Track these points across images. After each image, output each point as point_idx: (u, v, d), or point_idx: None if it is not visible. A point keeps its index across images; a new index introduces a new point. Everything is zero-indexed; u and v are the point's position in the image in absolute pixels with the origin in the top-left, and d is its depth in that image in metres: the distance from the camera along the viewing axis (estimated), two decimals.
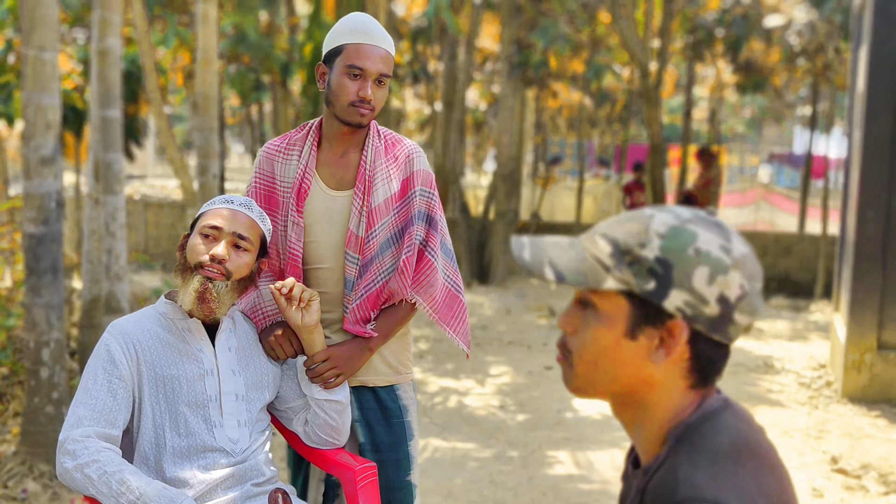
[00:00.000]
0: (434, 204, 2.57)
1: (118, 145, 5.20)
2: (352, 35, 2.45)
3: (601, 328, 1.30)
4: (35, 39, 4.08)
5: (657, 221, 1.29)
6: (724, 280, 1.25)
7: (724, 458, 1.24)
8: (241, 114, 19.69)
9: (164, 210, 14.27)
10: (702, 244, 1.25)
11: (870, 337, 6.20)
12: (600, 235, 1.32)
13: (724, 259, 1.25)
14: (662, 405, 1.32)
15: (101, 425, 2.19)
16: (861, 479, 4.69)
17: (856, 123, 6.73)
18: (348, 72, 2.43)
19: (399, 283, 2.49)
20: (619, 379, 1.31)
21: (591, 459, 4.98)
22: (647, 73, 11.64)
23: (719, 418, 1.30)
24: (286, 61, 12.35)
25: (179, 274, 2.33)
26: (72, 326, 6.23)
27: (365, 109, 2.44)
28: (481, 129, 19.13)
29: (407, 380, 2.65)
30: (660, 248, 1.26)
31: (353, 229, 2.48)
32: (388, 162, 2.53)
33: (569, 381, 1.36)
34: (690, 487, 1.21)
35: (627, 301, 1.28)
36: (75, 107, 9.69)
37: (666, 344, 1.28)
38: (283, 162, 2.56)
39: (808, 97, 15.42)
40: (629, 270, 1.27)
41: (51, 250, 4.18)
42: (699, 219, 1.29)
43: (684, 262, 1.25)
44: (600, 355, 1.31)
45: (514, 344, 8.00)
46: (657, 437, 1.33)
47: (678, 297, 1.25)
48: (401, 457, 2.59)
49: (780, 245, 12.22)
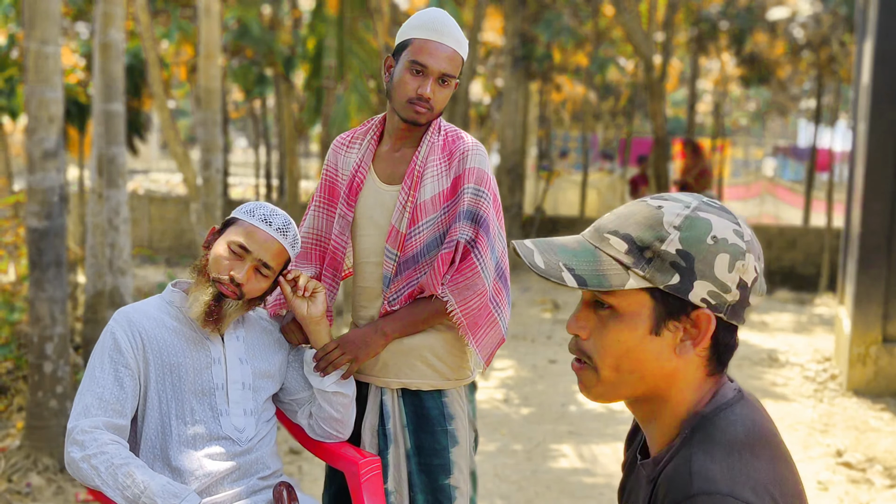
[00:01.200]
0: (486, 204, 2.41)
1: (121, 139, 5.19)
2: (421, 30, 2.41)
3: (624, 329, 1.26)
4: (37, 33, 4.07)
5: (669, 213, 1.26)
6: (742, 265, 1.24)
7: (739, 449, 1.23)
8: (244, 108, 19.66)
9: (168, 205, 14.26)
10: (718, 231, 1.24)
11: (875, 330, 6.18)
12: (611, 233, 1.28)
13: (740, 244, 1.25)
14: (682, 397, 1.30)
15: (108, 415, 2.19)
16: (866, 473, 4.68)
17: (861, 116, 6.70)
18: (411, 67, 2.39)
19: (431, 278, 2.40)
20: (645, 378, 1.28)
21: (595, 453, 4.97)
22: (651, 66, 11.61)
23: (734, 409, 1.28)
24: (289, 55, 12.33)
25: (196, 272, 2.32)
26: (75, 321, 6.23)
27: (422, 108, 2.39)
28: (485, 122, 19.09)
29: (457, 385, 2.53)
30: (680, 241, 1.23)
31: (395, 224, 2.44)
32: (443, 158, 2.46)
33: (591, 388, 1.32)
34: (705, 480, 1.19)
35: (650, 297, 1.25)
36: (78, 101, 9.69)
37: (692, 335, 1.26)
38: (344, 155, 2.56)
39: (813, 90, 15.38)
40: (650, 266, 1.24)
41: (54, 244, 4.17)
42: (706, 205, 1.28)
43: (705, 252, 1.23)
44: (624, 357, 1.27)
45: (518, 338, 7.99)
46: (672, 428, 1.31)
47: (702, 288, 1.23)
48: (442, 462, 2.50)
49: (784, 238, 12.19)
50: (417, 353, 2.49)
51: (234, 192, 18.09)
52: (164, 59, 11.29)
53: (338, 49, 8.53)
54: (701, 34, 13.08)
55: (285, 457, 4.69)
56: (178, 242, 13.83)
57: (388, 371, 2.51)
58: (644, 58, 11.53)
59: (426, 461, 2.51)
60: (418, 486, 2.52)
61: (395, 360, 2.50)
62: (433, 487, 2.51)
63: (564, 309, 9.44)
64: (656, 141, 12.03)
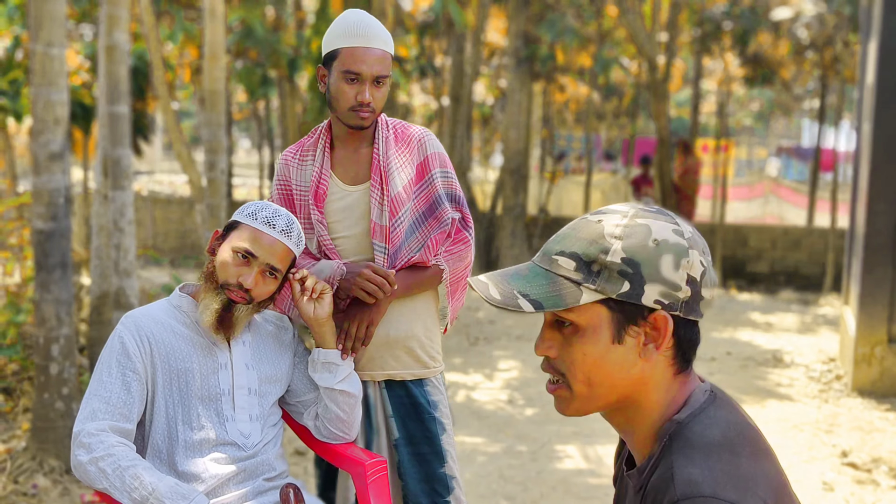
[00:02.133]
0: (455, 183, 2.62)
1: (126, 141, 5.20)
2: (346, 38, 2.45)
3: (587, 342, 1.31)
4: (43, 35, 4.08)
5: (608, 225, 1.30)
6: (687, 262, 1.28)
7: (717, 450, 1.25)
8: (247, 109, 19.69)
9: (173, 206, 14.28)
10: (657, 234, 1.28)
11: (880, 330, 6.17)
12: (557, 254, 1.32)
13: (682, 242, 1.29)
14: (655, 400, 1.33)
15: (115, 419, 2.20)
16: (872, 473, 4.68)
17: (865, 116, 6.69)
18: (345, 77, 2.44)
19: (424, 253, 2.54)
20: (616, 387, 1.32)
21: (600, 454, 4.97)
22: (655, 66, 11.61)
23: (707, 412, 1.31)
24: (293, 56, 12.34)
25: (204, 279, 2.33)
26: (81, 322, 6.24)
27: (365, 113, 2.46)
28: (488, 123, 19.10)
29: (435, 373, 2.65)
30: (623, 250, 1.28)
31: (375, 220, 2.51)
32: (400, 150, 2.56)
33: (567, 405, 1.36)
34: (688, 485, 1.21)
35: (605, 308, 1.29)
36: (83, 103, 9.71)
37: (653, 338, 1.30)
38: (298, 167, 2.60)
39: (817, 90, 15.36)
40: (600, 279, 1.28)
41: (60, 246, 4.18)
42: (643, 211, 1.32)
43: (649, 255, 1.27)
44: (593, 368, 1.31)
45: (522, 338, 7.99)
46: (650, 435, 1.34)
47: (653, 291, 1.27)
48: (434, 450, 2.59)
49: (788, 239, 12.18)
50: (401, 343, 2.57)
51: (238, 193, 18.09)
52: (169, 61, 11.32)
53: None
54: (704, 34, 13.06)
55: (291, 458, 4.69)
56: (182, 244, 13.85)
57: (374, 364, 2.59)
58: (647, 58, 11.53)
59: (418, 450, 2.59)
60: (412, 476, 2.58)
61: (381, 352, 2.58)
62: (428, 476, 2.59)
63: None
64: (660, 141, 12.02)
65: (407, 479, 2.58)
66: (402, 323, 2.57)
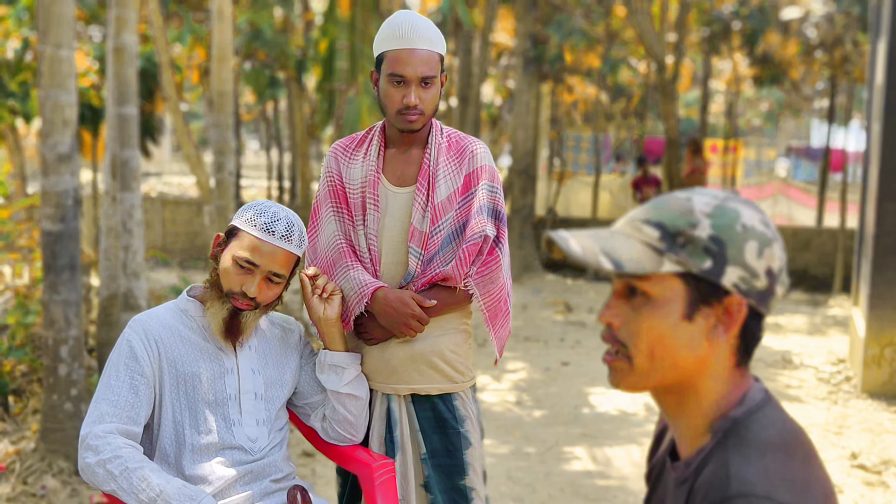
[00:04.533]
0: (501, 200, 2.55)
1: (135, 142, 5.21)
2: (391, 41, 2.44)
3: (658, 315, 1.29)
4: (51, 37, 4.09)
5: (699, 202, 1.30)
6: (769, 253, 1.28)
7: (773, 451, 1.25)
8: (256, 110, 19.73)
9: (181, 208, 14.31)
10: (746, 220, 1.28)
11: (890, 331, 6.14)
12: (642, 222, 1.31)
13: (767, 233, 1.29)
14: (711, 388, 1.32)
15: (122, 422, 2.20)
16: (881, 475, 4.66)
17: (875, 116, 6.67)
18: (391, 80, 2.44)
19: (456, 269, 2.47)
20: (677, 365, 1.30)
21: (609, 455, 4.96)
22: (664, 66, 11.58)
23: (764, 411, 1.30)
24: (301, 58, 12.36)
25: (209, 288, 2.32)
26: (90, 324, 6.25)
27: (413, 115, 2.45)
28: (496, 124, 19.07)
29: (464, 387, 2.58)
30: (711, 227, 1.27)
31: (416, 224, 2.49)
32: (451, 158, 2.54)
33: (623, 378, 1.33)
34: (742, 483, 1.21)
35: (682, 282, 1.28)
36: (92, 105, 9.73)
37: (723, 322, 1.28)
38: (346, 162, 2.58)
39: (826, 90, 15.31)
40: (684, 251, 1.27)
41: (68, 247, 4.19)
42: (733, 198, 1.32)
43: (735, 238, 1.27)
44: (658, 343, 1.29)
45: (530, 340, 7.98)
46: (702, 426, 1.32)
47: (734, 273, 1.26)
48: (455, 463, 2.55)
49: (797, 239, 12.14)
50: (425, 358, 2.52)
51: (247, 195, 18.13)
52: (177, 63, 11.33)
53: (350, 52, 8.54)
54: (713, 34, 13.04)
55: (298, 459, 4.69)
56: (190, 245, 13.87)
57: (398, 377, 2.54)
58: (656, 58, 11.50)
59: (440, 462, 2.55)
60: (437, 487, 2.55)
61: (404, 365, 2.53)
62: (450, 487, 2.56)
63: (577, 311, 9.42)
64: (669, 142, 12.00)
65: (433, 490, 2.54)
66: (428, 338, 2.52)
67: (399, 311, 2.44)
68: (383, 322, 2.47)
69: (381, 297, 2.46)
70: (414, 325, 2.46)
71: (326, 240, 2.57)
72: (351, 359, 2.48)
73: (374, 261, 2.53)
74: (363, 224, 2.53)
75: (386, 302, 2.45)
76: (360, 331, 2.55)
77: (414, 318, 2.45)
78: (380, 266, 2.55)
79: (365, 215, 2.53)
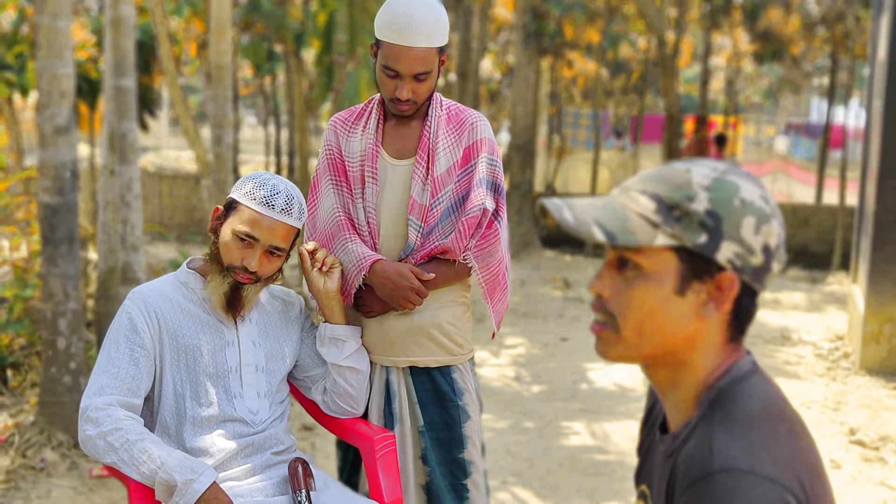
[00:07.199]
0: (500, 173, 2.54)
1: (133, 114, 5.17)
2: (388, 32, 2.39)
3: (649, 288, 1.27)
4: (49, 7, 4.05)
5: (697, 175, 1.27)
6: (767, 229, 1.26)
7: (757, 423, 1.23)
8: (254, 84, 19.63)
9: (179, 182, 14.27)
10: (745, 195, 1.26)
11: (889, 308, 6.15)
12: (639, 192, 1.28)
13: (766, 208, 1.26)
14: (700, 363, 1.30)
15: (123, 394, 2.19)
16: (879, 451, 4.67)
17: (876, 93, 6.64)
18: (385, 70, 2.42)
19: (455, 242, 2.46)
20: (666, 339, 1.29)
21: (607, 430, 4.97)
22: (664, 42, 11.53)
23: (749, 382, 1.29)
24: (300, 31, 12.28)
25: (210, 261, 2.31)
26: (88, 297, 6.24)
27: (404, 106, 2.45)
28: (496, 99, 19.01)
29: (462, 360, 2.58)
30: (708, 201, 1.24)
31: (415, 197, 2.48)
32: (451, 131, 2.52)
33: (610, 348, 1.32)
34: (725, 457, 1.19)
35: (676, 256, 1.26)
36: (89, 77, 9.68)
37: (715, 297, 1.27)
38: (345, 135, 2.56)
39: (827, 66, 15.25)
40: (679, 225, 1.25)
41: (67, 220, 4.17)
42: (734, 170, 1.29)
43: (732, 213, 1.24)
44: (648, 316, 1.28)
45: (529, 315, 7.99)
46: (690, 399, 1.31)
47: (729, 249, 1.24)
48: (454, 436, 2.55)
49: (797, 216, 12.13)
50: (424, 330, 2.52)
51: (245, 170, 18.07)
52: (175, 35, 11.26)
53: (349, 24, 8.49)
54: (714, 10, 12.95)
55: (299, 433, 4.70)
56: (188, 219, 13.85)
57: (396, 350, 2.54)
58: (656, 34, 11.44)
59: (438, 435, 2.56)
60: (435, 459, 2.56)
61: (403, 338, 2.52)
62: (448, 460, 2.56)
63: (575, 287, 9.42)
64: (669, 118, 11.96)
65: (430, 462, 2.55)
66: (426, 311, 2.51)
67: (397, 284, 2.44)
68: (382, 295, 2.47)
69: (380, 270, 2.45)
70: (412, 298, 2.45)
71: (325, 213, 2.56)
72: (351, 332, 2.47)
73: (372, 234, 2.52)
74: (362, 197, 2.51)
75: (384, 275, 2.45)
76: (359, 304, 2.54)
77: (412, 291, 2.44)
78: (379, 239, 2.54)
79: (364, 188, 2.51)
